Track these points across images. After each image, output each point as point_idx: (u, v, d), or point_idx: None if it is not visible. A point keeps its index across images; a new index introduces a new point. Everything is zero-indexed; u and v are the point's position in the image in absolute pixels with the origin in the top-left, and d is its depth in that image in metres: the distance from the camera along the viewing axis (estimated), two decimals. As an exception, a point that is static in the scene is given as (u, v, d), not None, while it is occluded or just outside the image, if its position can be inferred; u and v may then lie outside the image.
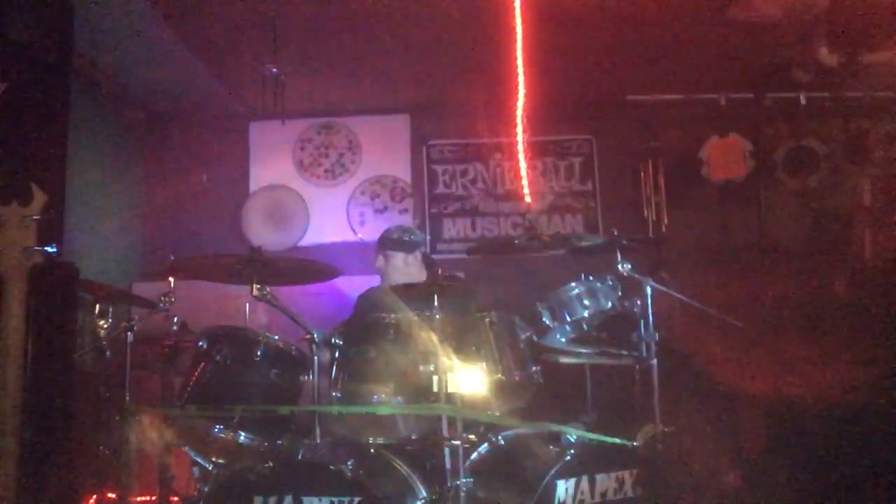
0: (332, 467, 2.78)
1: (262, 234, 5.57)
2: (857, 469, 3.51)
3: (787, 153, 5.41)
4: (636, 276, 3.40)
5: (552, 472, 2.84)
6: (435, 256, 5.37)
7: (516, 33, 3.97)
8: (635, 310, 3.38)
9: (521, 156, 4.60)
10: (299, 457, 2.86)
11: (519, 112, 4.19)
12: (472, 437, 2.99)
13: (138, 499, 3.61)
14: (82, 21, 3.59)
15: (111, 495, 3.48)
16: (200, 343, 3.10)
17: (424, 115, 5.80)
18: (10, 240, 2.20)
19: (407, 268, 3.88)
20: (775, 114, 5.47)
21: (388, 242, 3.93)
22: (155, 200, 5.67)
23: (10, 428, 2.15)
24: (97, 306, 3.41)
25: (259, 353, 3.03)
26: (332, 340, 3.02)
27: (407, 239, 3.93)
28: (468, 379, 2.87)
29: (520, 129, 4.29)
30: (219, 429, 2.92)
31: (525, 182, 4.85)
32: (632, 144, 5.64)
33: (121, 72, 4.96)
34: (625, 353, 3.43)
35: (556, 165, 5.78)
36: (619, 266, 3.38)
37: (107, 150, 5.19)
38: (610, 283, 3.42)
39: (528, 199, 5.17)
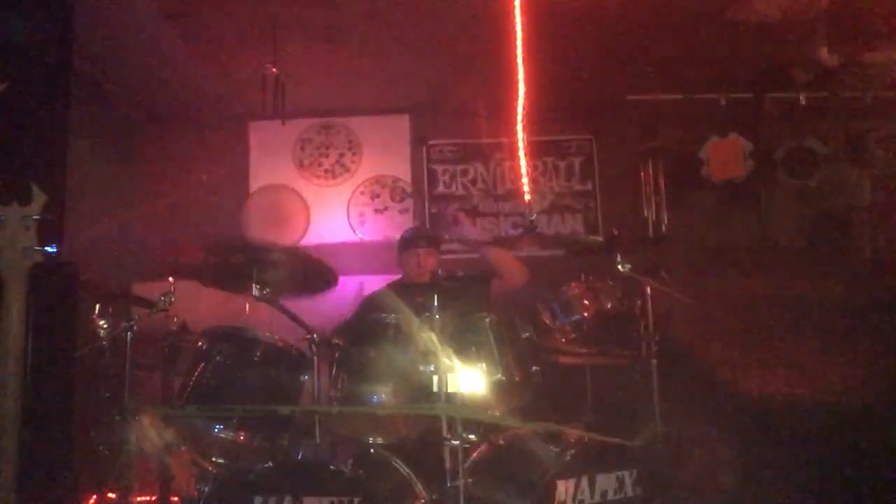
0: (332, 467, 2.79)
1: (262, 234, 5.57)
2: (857, 468, 3.51)
3: (787, 153, 5.40)
4: (636, 276, 3.40)
5: (552, 472, 2.84)
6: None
7: (516, 33, 3.96)
8: (635, 310, 3.38)
9: (522, 155, 4.58)
10: (299, 457, 2.86)
11: (519, 112, 4.18)
12: (472, 437, 2.98)
13: (138, 499, 3.60)
14: (82, 21, 3.58)
15: (111, 495, 3.47)
16: (200, 343, 3.10)
17: (424, 115, 5.80)
18: (10, 240, 2.19)
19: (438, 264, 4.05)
20: (775, 114, 5.46)
21: (427, 239, 4.09)
22: (155, 200, 5.66)
23: (10, 428, 2.15)
24: (97, 306, 3.41)
25: (259, 353, 3.04)
26: (333, 340, 3.02)
27: (435, 236, 4.24)
28: (468, 379, 2.86)
29: (520, 128, 4.28)
30: (219, 429, 2.93)
31: (525, 182, 4.84)
32: (632, 144, 5.64)
33: (121, 71, 4.96)
34: (625, 353, 3.44)
35: (556, 165, 5.77)
36: (619, 266, 3.38)
37: (107, 150, 5.18)
38: (610, 283, 3.42)
39: (527, 197, 5.15)
